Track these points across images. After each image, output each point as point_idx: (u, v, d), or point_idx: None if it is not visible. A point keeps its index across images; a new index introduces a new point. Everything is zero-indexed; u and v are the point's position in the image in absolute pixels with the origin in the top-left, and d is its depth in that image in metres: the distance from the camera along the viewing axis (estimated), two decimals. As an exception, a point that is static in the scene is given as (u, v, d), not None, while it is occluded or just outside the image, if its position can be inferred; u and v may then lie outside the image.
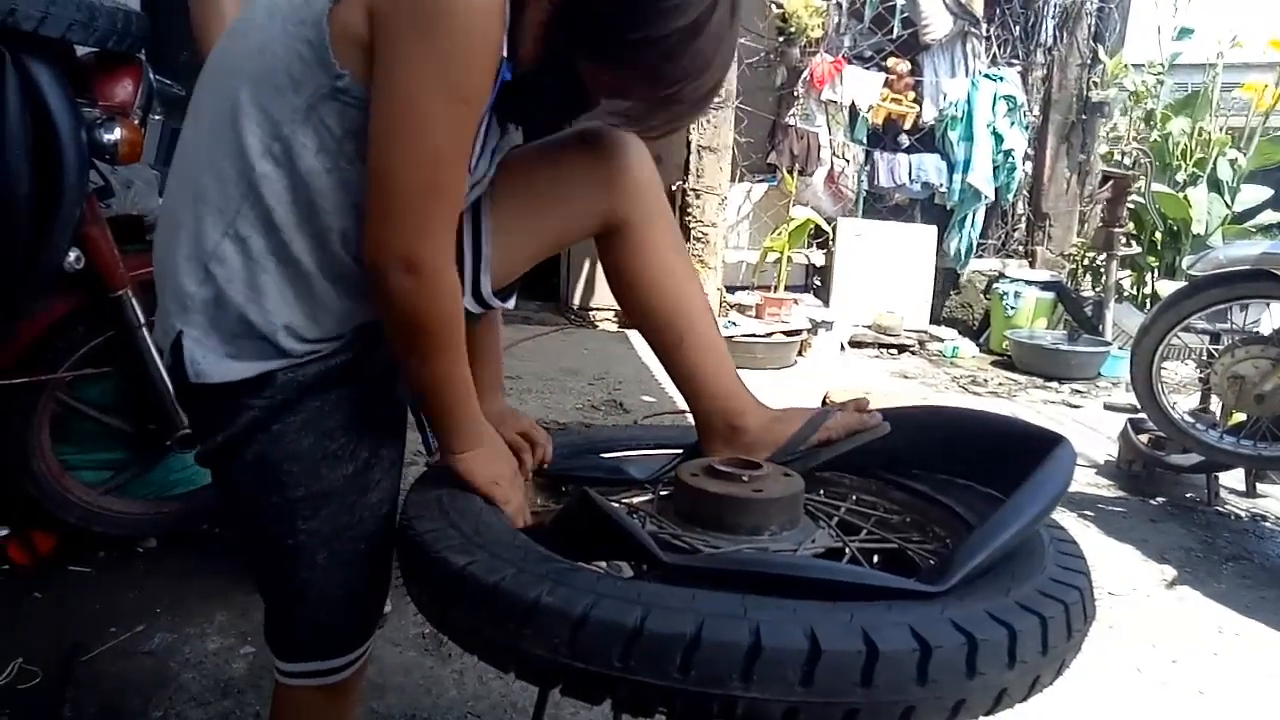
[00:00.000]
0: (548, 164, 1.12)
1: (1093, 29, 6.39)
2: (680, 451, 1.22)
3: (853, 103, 5.78)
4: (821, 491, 1.20)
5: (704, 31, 0.91)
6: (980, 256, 6.36)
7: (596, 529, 0.85)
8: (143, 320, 1.97)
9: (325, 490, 1.00)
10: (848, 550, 1.02)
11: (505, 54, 0.91)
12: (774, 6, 5.48)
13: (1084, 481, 3.36)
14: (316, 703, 1.09)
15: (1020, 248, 6.59)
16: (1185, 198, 5.61)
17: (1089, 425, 4.22)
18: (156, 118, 1.92)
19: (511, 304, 1.18)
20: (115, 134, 1.73)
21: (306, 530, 1.00)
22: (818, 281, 6.24)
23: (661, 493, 1.17)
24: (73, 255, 1.81)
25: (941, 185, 6.11)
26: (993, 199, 6.18)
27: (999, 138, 6.03)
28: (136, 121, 1.83)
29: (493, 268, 1.08)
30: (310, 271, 0.95)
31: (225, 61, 0.95)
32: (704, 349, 1.17)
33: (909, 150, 6.12)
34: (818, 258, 6.07)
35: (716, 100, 1.02)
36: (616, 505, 1.04)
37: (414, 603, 0.94)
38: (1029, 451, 0.99)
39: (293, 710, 1.10)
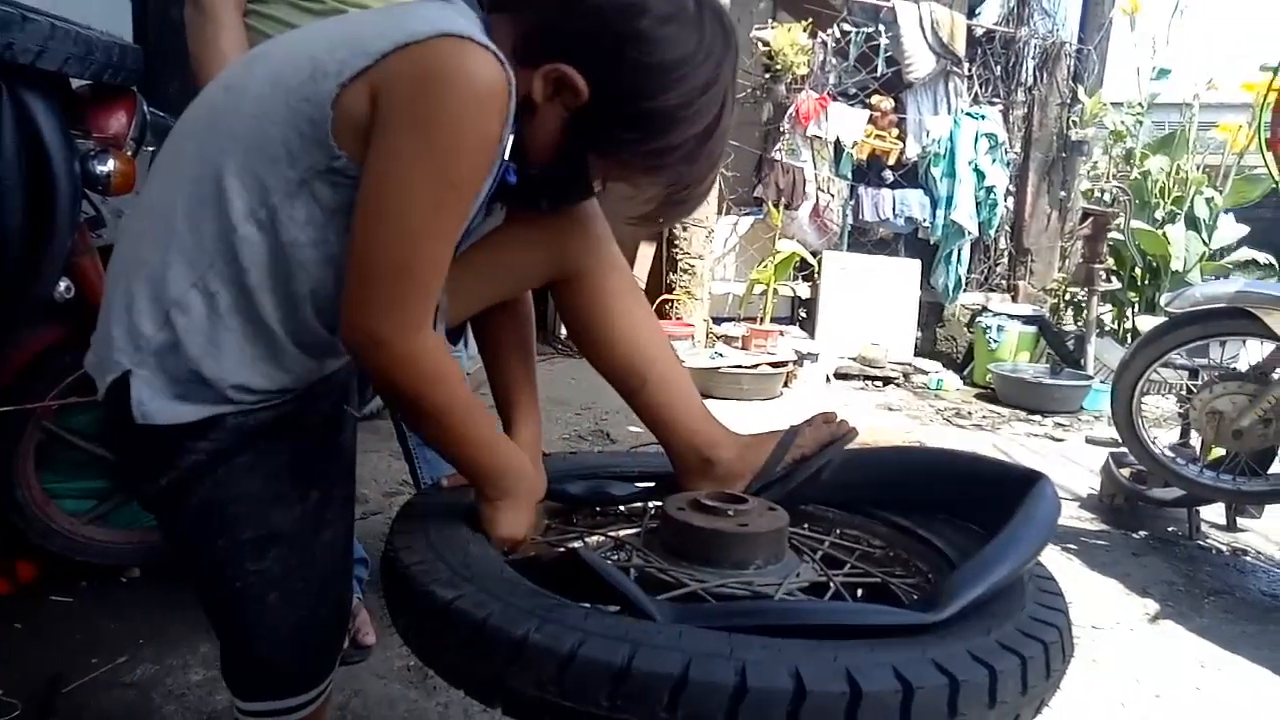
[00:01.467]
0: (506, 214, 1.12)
1: (1072, 69, 6.51)
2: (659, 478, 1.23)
3: (837, 139, 5.86)
4: (806, 525, 1.21)
5: (716, 133, 0.96)
6: (964, 291, 6.44)
7: (586, 582, 0.85)
8: (131, 349, 1.97)
9: (274, 532, 1.00)
10: (832, 584, 1.03)
11: (508, 156, 0.93)
12: (760, 44, 5.57)
13: (1066, 515, 3.38)
14: None
15: (1003, 282, 6.67)
16: (1164, 235, 5.69)
17: (1071, 458, 4.25)
18: (149, 149, 1.93)
19: (463, 347, 1.19)
20: (108, 166, 1.75)
21: (256, 571, 1.00)
22: (803, 313, 6.29)
23: (648, 526, 1.18)
24: (63, 285, 1.81)
25: (925, 220, 6.20)
26: (976, 235, 6.27)
27: (981, 174, 6.12)
28: (129, 153, 1.85)
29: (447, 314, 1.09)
30: (275, 333, 0.95)
31: (218, 118, 0.95)
32: (668, 388, 1.17)
33: (893, 185, 6.20)
34: (803, 290, 6.12)
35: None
36: (604, 558, 1.05)
37: (400, 635, 0.94)
38: (1008, 489, 1.01)
39: None
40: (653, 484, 1.25)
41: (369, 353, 0.89)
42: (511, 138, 0.93)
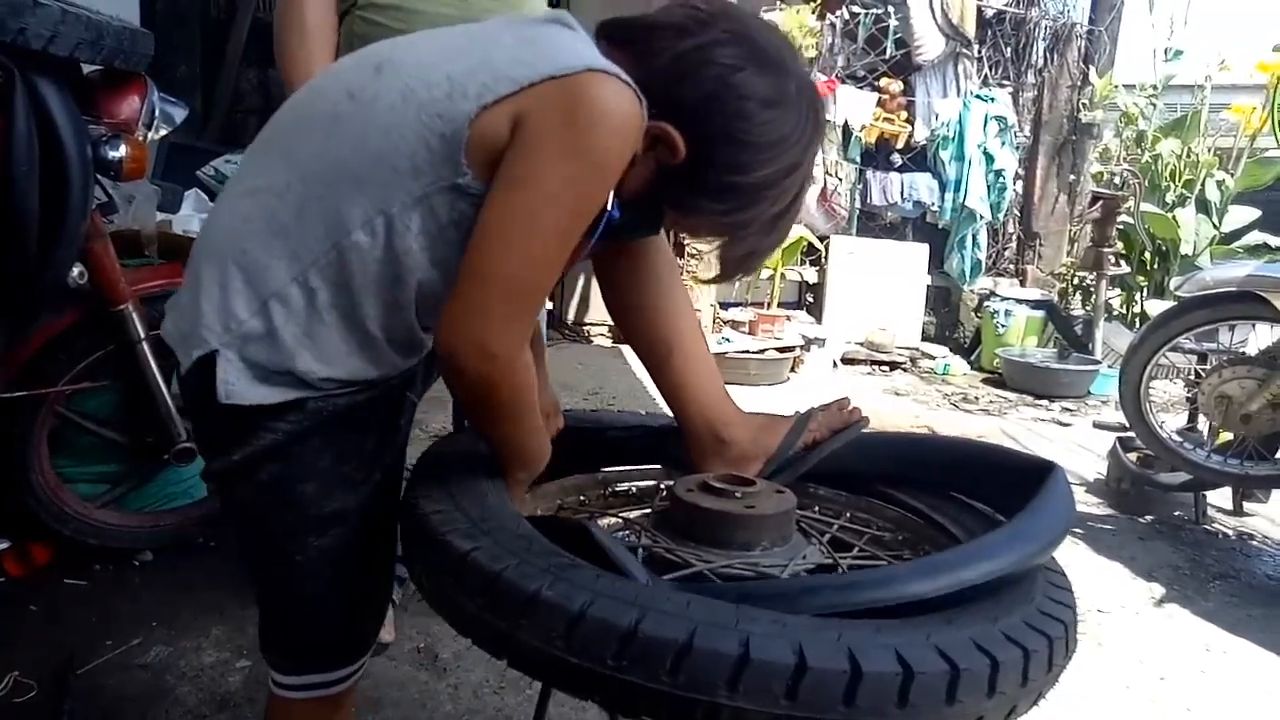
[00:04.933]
0: None
1: (1083, 51, 6.47)
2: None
3: (846, 122, 5.84)
4: (816, 509, 1.22)
5: (791, 211, 1.02)
6: (981, 274, 6.42)
7: (594, 558, 0.87)
8: (143, 335, 1.99)
9: (339, 511, 1.02)
10: (839, 567, 1.04)
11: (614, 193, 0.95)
12: (768, 27, 5.54)
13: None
14: (312, 715, 1.10)
15: (1011, 266, 6.65)
16: (1174, 218, 5.66)
17: (1079, 443, 4.25)
18: (162, 133, 1.94)
19: None
20: (120, 151, 1.76)
21: (318, 548, 1.02)
22: (810, 298, 6.28)
23: (658, 507, 1.19)
24: (76, 270, 1.83)
25: (933, 204, 6.18)
26: (989, 218, 6.24)
27: (990, 158, 6.10)
28: (140, 138, 1.85)
29: None
30: (373, 333, 0.97)
31: (342, 124, 0.95)
32: (693, 363, 1.20)
33: (901, 169, 6.18)
34: (811, 275, 6.11)
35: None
36: (613, 533, 1.06)
37: (413, 582, 0.97)
38: (1021, 475, 1.02)
39: None
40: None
41: (474, 364, 0.91)
42: None
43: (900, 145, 6.11)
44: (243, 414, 0.96)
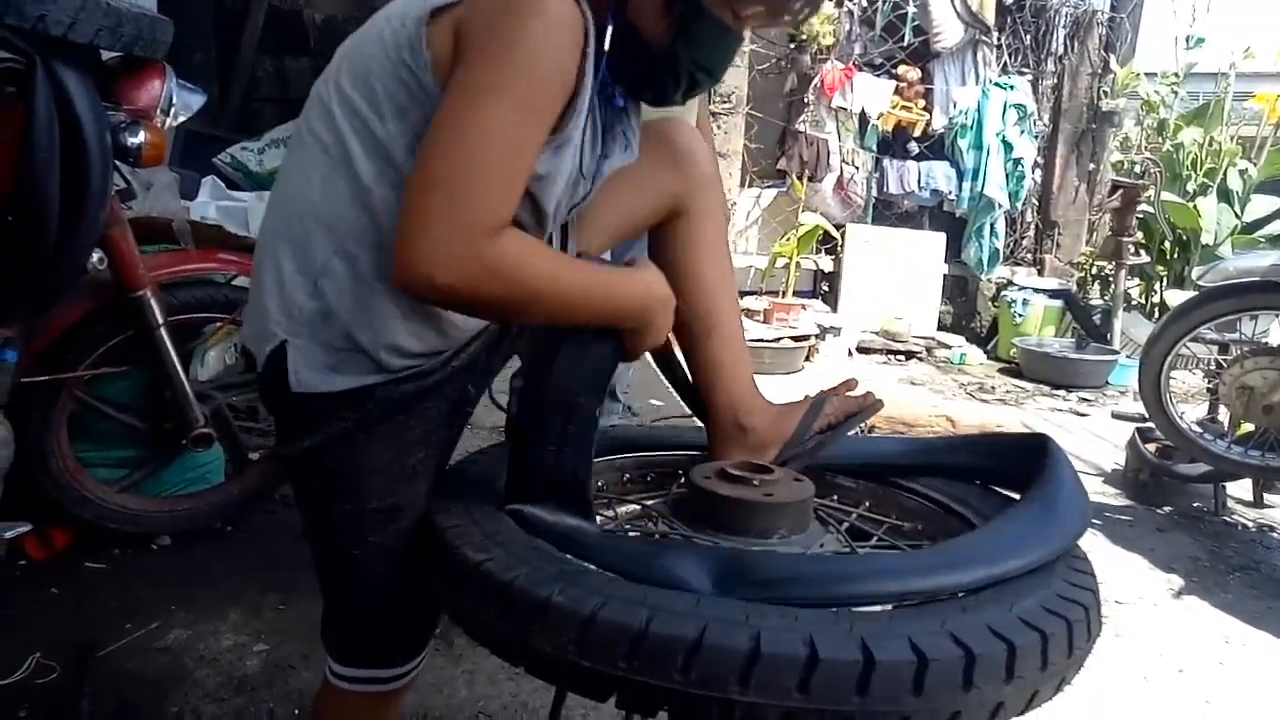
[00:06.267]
0: None
1: (1104, 38, 6.39)
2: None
3: (863, 110, 5.80)
4: (835, 497, 1.21)
5: None
6: (1000, 264, 6.38)
7: None
8: (161, 320, 2.00)
9: (398, 504, 1.01)
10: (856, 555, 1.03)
11: (608, 76, 0.94)
12: (785, 13, 5.50)
13: (1092, 490, 3.36)
14: (365, 709, 1.10)
15: (1029, 256, 6.60)
16: (1195, 207, 5.60)
17: (1096, 434, 4.22)
18: (180, 120, 1.94)
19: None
20: (139, 137, 1.76)
21: (376, 543, 1.01)
22: (826, 287, 6.25)
23: (675, 494, 1.19)
24: (96, 256, 1.84)
25: (950, 193, 6.13)
26: (1007, 207, 6.19)
27: (1009, 146, 6.04)
28: (159, 125, 1.86)
29: None
30: None
31: (340, 83, 0.95)
32: (730, 346, 1.19)
33: (918, 158, 6.13)
34: (826, 263, 6.09)
35: (726, 105, 1.05)
36: (629, 520, 1.06)
37: (434, 594, 0.98)
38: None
39: (340, 713, 1.11)
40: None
41: (442, 288, 0.85)
42: (602, 61, 0.93)
43: (918, 133, 6.06)
44: (313, 402, 0.96)
